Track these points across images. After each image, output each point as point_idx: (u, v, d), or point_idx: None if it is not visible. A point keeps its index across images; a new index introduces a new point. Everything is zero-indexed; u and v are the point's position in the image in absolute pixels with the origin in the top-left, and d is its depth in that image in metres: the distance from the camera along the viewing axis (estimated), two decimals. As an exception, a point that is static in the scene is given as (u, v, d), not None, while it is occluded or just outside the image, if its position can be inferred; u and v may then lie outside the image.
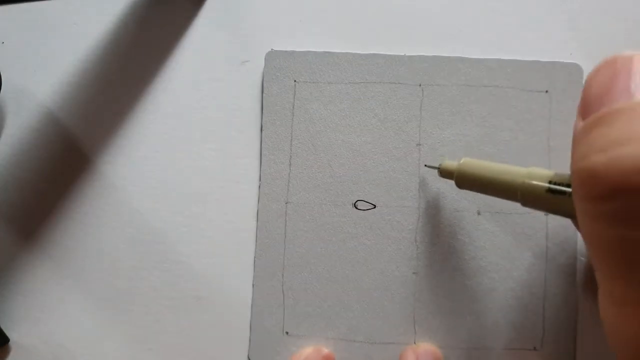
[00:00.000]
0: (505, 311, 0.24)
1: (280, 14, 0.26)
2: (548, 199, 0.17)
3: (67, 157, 0.26)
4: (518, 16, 0.25)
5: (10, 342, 0.25)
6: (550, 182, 0.17)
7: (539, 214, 0.24)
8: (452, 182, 0.21)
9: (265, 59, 0.25)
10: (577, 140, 0.14)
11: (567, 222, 0.23)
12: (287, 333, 0.24)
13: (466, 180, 0.21)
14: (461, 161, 0.21)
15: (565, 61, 0.24)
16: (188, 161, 0.25)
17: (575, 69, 0.24)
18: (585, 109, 0.14)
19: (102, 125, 0.26)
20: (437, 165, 0.22)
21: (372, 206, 0.24)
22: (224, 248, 0.25)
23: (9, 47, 0.26)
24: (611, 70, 0.14)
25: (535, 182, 0.17)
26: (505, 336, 0.23)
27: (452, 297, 0.24)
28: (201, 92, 0.26)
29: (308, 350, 0.24)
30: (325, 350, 0.24)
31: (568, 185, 0.16)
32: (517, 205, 0.23)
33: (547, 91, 0.24)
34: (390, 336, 0.24)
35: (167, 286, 0.25)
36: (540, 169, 0.17)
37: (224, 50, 0.26)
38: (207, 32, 0.26)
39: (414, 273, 0.24)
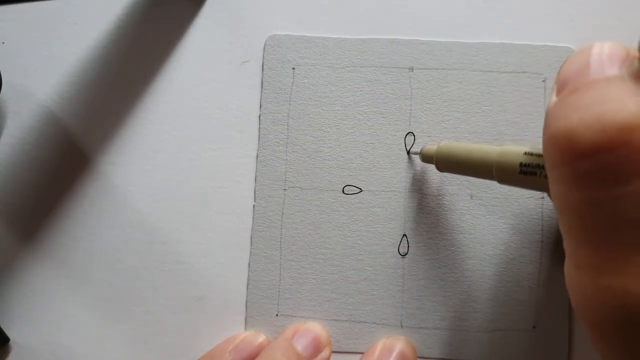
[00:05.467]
0: (498, 293, 0.24)
1: (279, 13, 0.26)
2: (521, 178, 0.18)
3: (67, 157, 0.26)
4: (511, 1, 0.25)
5: (10, 342, 0.25)
6: (521, 165, 0.17)
7: (535, 199, 0.24)
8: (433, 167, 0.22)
9: (265, 42, 0.25)
10: (551, 110, 0.14)
11: None
12: (276, 315, 0.24)
13: (445, 163, 0.21)
14: (440, 144, 0.22)
15: (559, 45, 0.24)
16: (188, 161, 0.25)
17: (569, 52, 0.24)
18: (561, 86, 0.15)
19: (102, 125, 0.26)
20: (419, 151, 0.23)
21: (359, 190, 0.25)
22: (224, 248, 0.25)
23: (9, 47, 0.26)
24: (586, 54, 0.14)
25: (507, 164, 0.18)
26: (498, 318, 0.24)
27: (440, 279, 0.24)
28: (201, 92, 0.26)
29: (245, 333, 0.24)
30: (263, 337, 0.24)
31: (538, 165, 0.17)
32: (511, 190, 0.24)
33: (541, 76, 0.24)
34: (377, 317, 0.24)
35: (167, 286, 0.25)
36: (512, 147, 0.18)
37: (224, 50, 0.26)
38: (207, 32, 0.26)
39: (402, 256, 0.24)
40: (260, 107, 0.25)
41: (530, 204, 0.24)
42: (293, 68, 0.25)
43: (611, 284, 0.13)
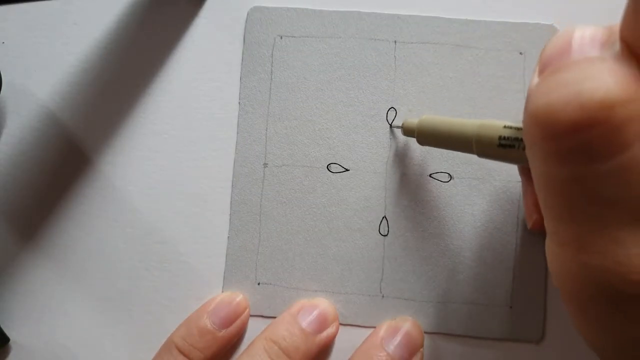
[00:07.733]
0: (476, 269, 0.24)
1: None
2: (499, 151, 0.18)
3: (67, 157, 0.26)
4: None
5: (10, 342, 0.25)
6: (500, 138, 0.18)
7: (513, 180, 0.24)
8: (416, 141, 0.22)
9: (247, 13, 0.25)
10: (532, 90, 0.14)
11: None
12: (259, 284, 0.25)
13: (425, 136, 0.22)
14: (421, 118, 0.22)
15: (540, 22, 0.25)
16: (188, 161, 0.25)
17: (551, 30, 0.24)
18: (543, 67, 0.15)
19: (102, 125, 0.26)
20: (400, 124, 0.23)
21: (345, 169, 0.25)
22: (224, 248, 0.25)
23: (9, 47, 0.26)
24: (568, 36, 0.14)
25: (486, 137, 0.18)
26: (476, 294, 0.24)
27: (421, 256, 0.24)
28: (201, 92, 0.26)
29: (222, 295, 0.24)
30: (240, 296, 0.24)
31: (517, 138, 0.17)
32: (490, 170, 0.24)
33: (521, 53, 0.25)
34: (357, 288, 0.24)
35: (167, 286, 0.25)
36: (492, 121, 0.18)
37: (224, 50, 0.26)
38: (207, 32, 0.26)
39: (383, 235, 0.24)
40: (240, 79, 0.25)
41: (508, 184, 0.24)
42: (274, 40, 0.25)
43: (593, 261, 0.13)
